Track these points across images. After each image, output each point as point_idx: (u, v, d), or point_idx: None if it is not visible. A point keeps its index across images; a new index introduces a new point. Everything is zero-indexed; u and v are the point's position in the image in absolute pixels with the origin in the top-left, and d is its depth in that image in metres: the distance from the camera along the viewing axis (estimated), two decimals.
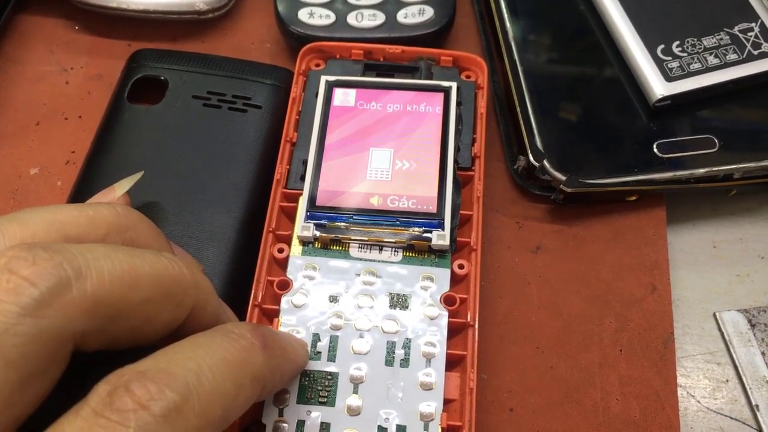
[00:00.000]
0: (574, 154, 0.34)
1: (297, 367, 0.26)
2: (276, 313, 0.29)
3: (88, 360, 0.19)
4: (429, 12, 0.38)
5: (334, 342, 0.28)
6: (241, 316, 0.28)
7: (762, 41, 0.36)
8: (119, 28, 0.40)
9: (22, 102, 0.38)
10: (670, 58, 0.35)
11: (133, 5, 0.38)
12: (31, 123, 0.37)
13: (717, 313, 0.33)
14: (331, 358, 0.28)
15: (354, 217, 0.30)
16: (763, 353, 0.32)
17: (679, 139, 0.34)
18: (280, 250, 0.30)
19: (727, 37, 0.36)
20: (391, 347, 0.28)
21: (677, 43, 0.36)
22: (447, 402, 0.27)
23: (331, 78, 0.34)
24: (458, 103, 0.33)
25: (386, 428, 0.26)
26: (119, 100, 0.35)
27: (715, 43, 0.36)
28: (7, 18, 0.40)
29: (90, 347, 0.19)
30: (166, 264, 0.20)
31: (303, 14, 0.38)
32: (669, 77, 0.35)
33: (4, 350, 0.16)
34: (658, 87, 0.35)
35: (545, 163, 0.33)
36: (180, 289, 0.21)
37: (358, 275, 0.30)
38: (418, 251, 0.30)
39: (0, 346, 0.16)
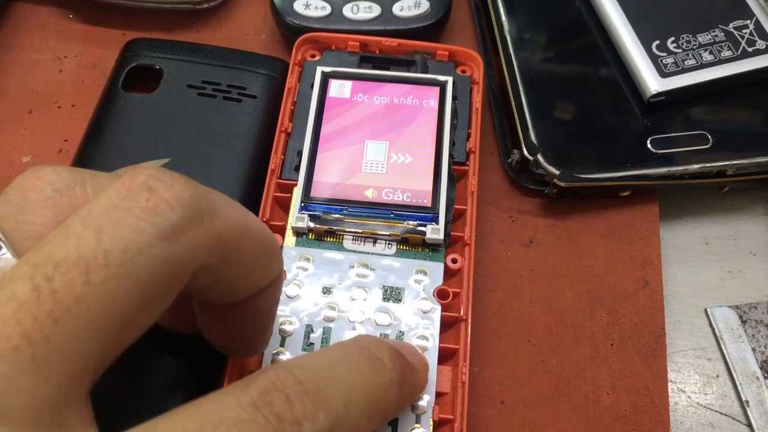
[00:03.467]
0: (567, 149, 0.34)
1: (412, 401, 0.27)
2: None
3: None
4: (425, 5, 0.38)
5: (327, 334, 0.28)
6: None
7: (756, 38, 0.36)
8: (114, 17, 0.40)
9: (15, 90, 0.38)
10: (664, 54, 0.35)
11: None
12: (23, 111, 0.37)
13: (708, 309, 0.34)
14: None
15: (348, 209, 0.30)
16: (753, 349, 0.32)
17: (672, 135, 0.34)
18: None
19: (722, 33, 0.36)
20: None
21: (672, 39, 0.36)
22: (439, 395, 0.27)
23: (327, 69, 0.34)
24: (454, 98, 0.33)
25: None
26: (113, 88, 0.35)
27: (710, 39, 0.36)
28: (1, 6, 0.39)
29: (191, 287, 0.18)
30: (266, 227, 0.21)
31: (299, 5, 0.38)
32: (663, 73, 0.35)
33: (137, 271, 0.16)
34: (653, 83, 0.35)
35: (539, 157, 0.33)
36: (275, 252, 0.21)
37: (352, 267, 0.30)
38: (412, 244, 0.30)
39: (133, 265, 0.16)
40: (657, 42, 0.36)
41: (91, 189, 0.19)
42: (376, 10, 0.38)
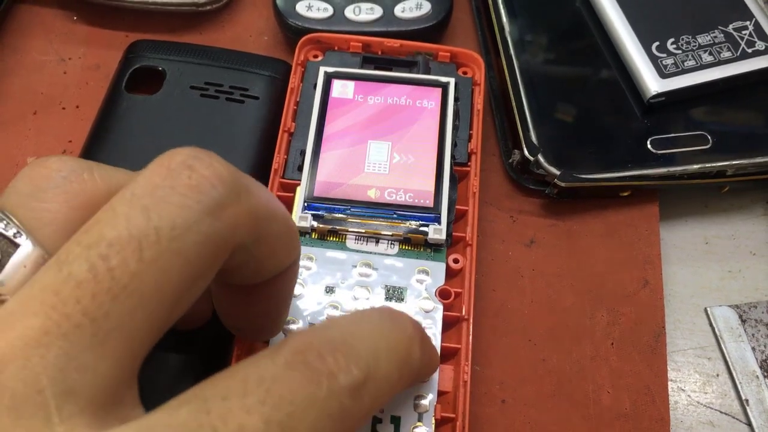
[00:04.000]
0: (568, 149, 0.34)
1: (431, 373, 0.27)
2: None
3: None
4: (426, 6, 0.38)
5: None
6: None
7: (756, 39, 0.36)
8: (117, 19, 0.40)
9: (19, 91, 0.38)
10: (664, 55, 0.36)
11: None
12: (28, 112, 0.37)
13: (708, 309, 0.34)
14: None
15: (351, 209, 0.30)
16: (753, 348, 0.33)
17: (672, 135, 0.35)
18: None
19: (722, 35, 0.36)
20: None
21: (672, 40, 0.36)
22: (441, 394, 0.28)
23: (330, 69, 0.34)
24: (455, 99, 0.34)
25: (381, 419, 0.27)
26: (117, 90, 0.35)
27: (710, 40, 0.36)
28: (6, 7, 0.40)
29: (225, 266, 0.19)
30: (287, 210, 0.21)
31: (301, 7, 0.38)
32: (663, 74, 0.35)
33: (186, 247, 0.16)
34: (653, 83, 0.35)
35: (540, 157, 0.34)
36: (296, 233, 0.21)
37: (355, 267, 0.30)
38: (414, 244, 0.30)
39: (183, 242, 0.16)
40: (657, 43, 0.36)
41: (98, 176, 0.19)
42: (377, 12, 0.38)
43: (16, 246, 0.17)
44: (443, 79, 0.34)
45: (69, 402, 0.14)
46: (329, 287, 0.29)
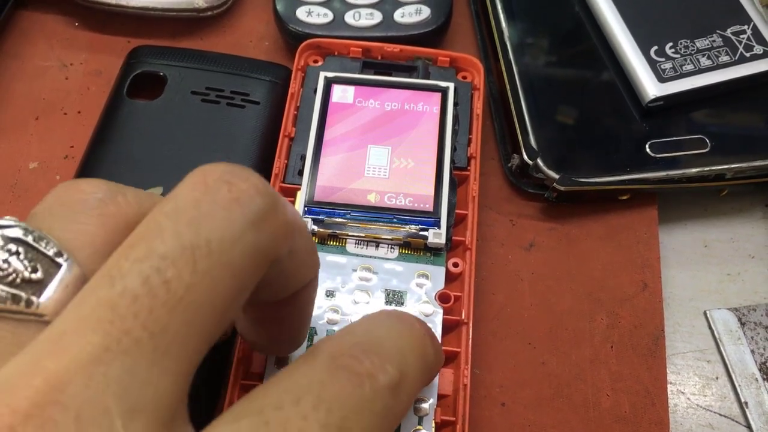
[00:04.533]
0: (567, 153, 0.35)
1: (439, 370, 0.27)
2: None
3: None
4: (426, 12, 0.38)
5: None
6: None
7: (754, 43, 0.36)
8: (119, 25, 0.41)
9: (21, 97, 0.38)
10: (663, 59, 0.36)
11: (132, 2, 0.39)
12: (30, 118, 0.38)
13: (707, 312, 0.34)
14: None
15: (351, 214, 0.31)
16: (752, 351, 0.33)
17: (671, 139, 0.35)
18: None
19: (720, 39, 0.36)
20: None
21: (670, 44, 0.36)
22: (441, 397, 0.28)
23: (330, 74, 0.35)
24: (455, 104, 0.34)
25: None
26: (118, 95, 0.36)
27: (708, 44, 0.36)
28: (7, 14, 0.40)
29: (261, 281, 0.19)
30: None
31: (301, 12, 0.38)
32: (662, 78, 0.35)
33: (234, 259, 0.16)
34: (651, 87, 0.35)
35: (539, 161, 0.34)
36: (316, 248, 0.22)
37: (355, 271, 0.30)
38: (414, 249, 0.31)
39: (231, 254, 0.16)
40: (655, 47, 0.36)
41: (131, 198, 0.19)
42: (377, 17, 0.38)
43: (58, 266, 0.17)
44: (443, 83, 0.34)
45: (135, 420, 0.14)
46: (329, 291, 0.29)
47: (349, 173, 0.32)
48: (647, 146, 0.34)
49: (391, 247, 0.31)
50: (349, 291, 0.30)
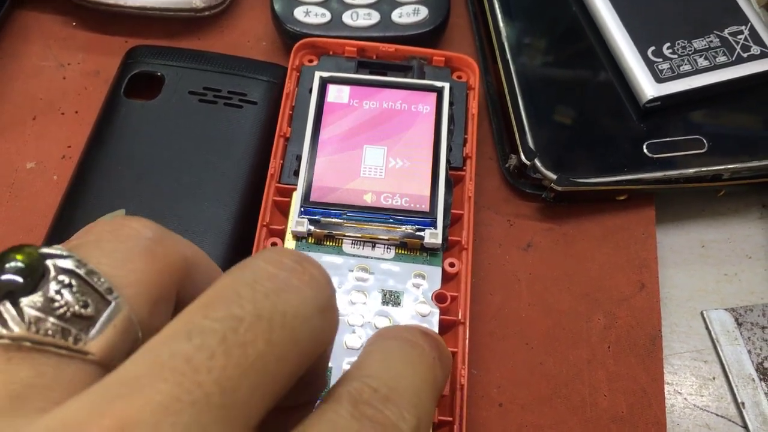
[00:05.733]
0: (564, 154, 0.35)
1: (447, 377, 0.27)
2: None
3: None
4: (423, 12, 0.38)
5: None
6: None
7: (751, 44, 0.36)
8: (116, 25, 0.41)
9: (19, 96, 0.38)
10: (660, 59, 0.36)
11: (130, 2, 0.39)
12: (27, 117, 0.38)
13: (704, 312, 0.34)
14: None
15: (348, 214, 0.31)
16: (749, 351, 0.33)
17: (668, 139, 0.35)
18: (274, 245, 0.31)
19: (717, 39, 0.36)
20: None
21: (668, 44, 0.36)
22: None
23: (325, 74, 0.34)
24: (450, 104, 0.34)
25: None
26: (116, 95, 0.36)
27: (705, 45, 0.36)
28: (5, 13, 0.40)
29: None
30: None
31: (299, 12, 0.38)
32: (659, 78, 0.35)
33: (302, 337, 0.17)
34: (649, 88, 0.35)
35: (536, 162, 0.34)
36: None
37: (351, 271, 0.30)
38: (410, 249, 0.31)
39: (300, 332, 0.17)
40: (653, 48, 0.36)
41: (175, 242, 0.19)
42: (375, 17, 0.38)
43: (107, 303, 0.17)
44: (438, 83, 0.34)
45: None
46: None
47: (345, 173, 0.32)
48: (644, 147, 0.34)
49: (388, 248, 0.31)
50: (346, 291, 0.29)
